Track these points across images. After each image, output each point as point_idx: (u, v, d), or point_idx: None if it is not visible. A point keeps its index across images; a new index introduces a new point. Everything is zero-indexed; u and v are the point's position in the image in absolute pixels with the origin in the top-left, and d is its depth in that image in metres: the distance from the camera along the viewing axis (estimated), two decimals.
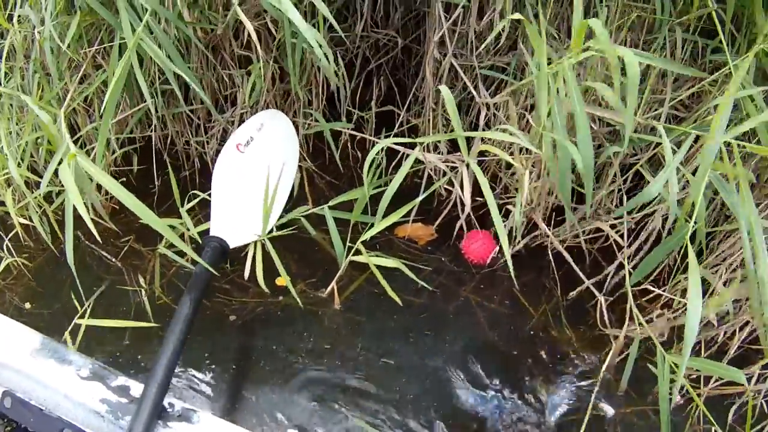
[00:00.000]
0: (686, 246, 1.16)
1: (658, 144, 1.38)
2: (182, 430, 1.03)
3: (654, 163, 1.57)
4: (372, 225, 1.48)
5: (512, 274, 1.46)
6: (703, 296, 1.16)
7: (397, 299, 1.52)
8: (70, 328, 1.16)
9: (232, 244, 1.47)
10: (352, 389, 1.45)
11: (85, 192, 1.37)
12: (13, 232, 1.61)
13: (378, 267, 1.49)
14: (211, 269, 1.34)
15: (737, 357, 1.42)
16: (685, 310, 1.11)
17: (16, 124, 1.61)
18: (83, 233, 1.69)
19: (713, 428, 1.31)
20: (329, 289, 1.59)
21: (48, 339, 1.16)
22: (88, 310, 1.28)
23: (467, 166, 1.45)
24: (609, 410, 1.44)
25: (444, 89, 1.39)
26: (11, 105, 1.61)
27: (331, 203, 1.61)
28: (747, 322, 1.40)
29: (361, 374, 1.48)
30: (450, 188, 1.68)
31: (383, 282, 1.49)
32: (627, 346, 1.41)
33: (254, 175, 1.59)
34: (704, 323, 1.42)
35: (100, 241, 1.55)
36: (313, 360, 1.50)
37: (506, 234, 1.42)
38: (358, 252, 1.50)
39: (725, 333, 1.45)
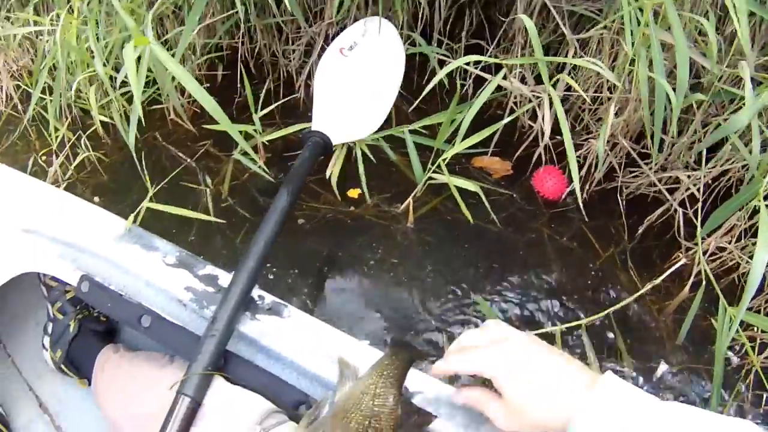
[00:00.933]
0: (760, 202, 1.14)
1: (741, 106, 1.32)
2: (271, 324, 1.00)
3: None
4: (453, 144, 1.44)
5: (583, 211, 1.47)
6: None
7: (469, 217, 1.52)
8: (135, 213, 1.14)
9: (335, 140, 1.43)
10: (416, 307, 1.46)
11: (163, 86, 1.36)
12: (93, 129, 1.64)
13: (451, 193, 1.48)
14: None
15: None
16: None
17: (107, 26, 1.59)
18: (161, 134, 1.75)
19: (765, 395, 1.31)
20: (404, 205, 1.58)
21: (134, 225, 1.13)
22: (153, 198, 1.28)
23: (549, 97, 1.41)
24: (662, 365, 1.43)
25: (524, 17, 1.37)
26: (100, 10, 1.58)
27: (413, 126, 1.60)
28: None
29: (427, 294, 1.48)
30: (532, 123, 1.66)
31: (459, 199, 1.48)
32: (690, 301, 1.39)
33: (357, 79, 1.57)
34: None
35: (178, 143, 1.66)
36: (380, 272, 1.52)
37: (582, 170, 1.49)
38: (436, 173, 1.48)
39: None
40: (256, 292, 1.04)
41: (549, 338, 1.25)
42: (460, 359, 0.75)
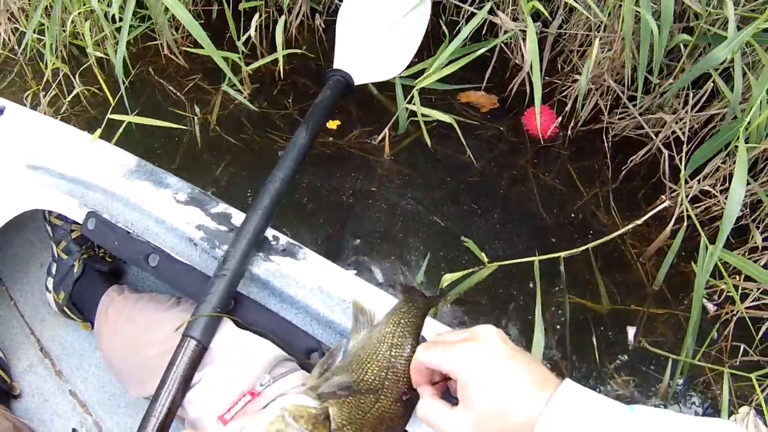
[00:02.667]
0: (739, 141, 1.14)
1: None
2: (285, 266, 0.95)
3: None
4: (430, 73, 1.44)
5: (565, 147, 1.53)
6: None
7: (428, 142, 1.54)
8: (104, 123, 1.18)
9: (357, 80, 1.38)
10: (394, 234, 1.48)
11: (157, 19, 1.38)
12: (87, 64, 1.66)
13: (433, 127, 1.51)
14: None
15: None
16: None
17: None
18: (155, 69, 1.82)
19: (742, 345, 1.29)
20: (381, 135, 1.59)
21: (144, 161, 1.08)
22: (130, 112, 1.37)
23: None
24: (633, 306, 1.43)
25: None
26: None
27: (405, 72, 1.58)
28: None
29: (405, 222, 1.51)
30: (521, 65, 1.67)
31: (423, 128, 1.50)
32: (670, 246, 1.37)
33: (383, 19, 1.52)
34: None
35: (169, 77, 1.73)
36: (359, 200, 1.55)
37: (567, 106, 1.55)
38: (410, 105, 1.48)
39: None
40: (270, 233, 0.99)
41: (528, 268, 1.24)
42: (426, 353, 0.68)
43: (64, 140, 1.14)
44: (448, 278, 1.24)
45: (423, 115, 1.50)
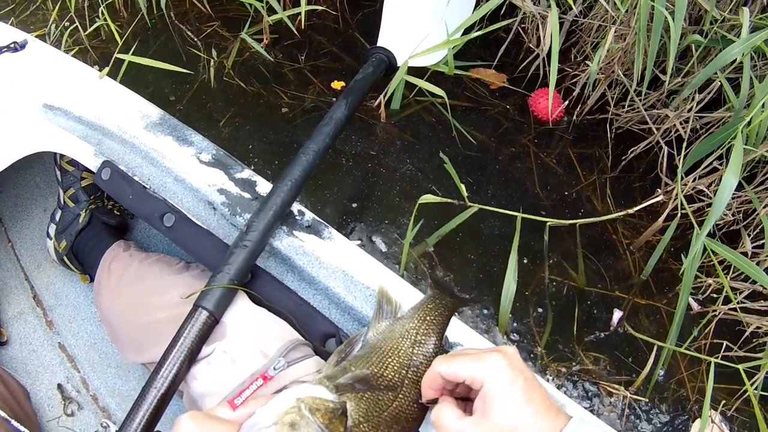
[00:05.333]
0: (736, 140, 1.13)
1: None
2: (310, 243, 0.89)
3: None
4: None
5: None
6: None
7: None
8: (111, 62, 1.14)
9: (400, 61, 1.33)
10: (391, 198, 1.49)
11: None
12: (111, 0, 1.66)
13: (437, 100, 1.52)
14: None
15: None
16: None
17: None
18: (176, 14, 1.82)
19: (725, 342, 1.28)
20: (378, 101, 1.58)
21: (169, 115, 1.02)
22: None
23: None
24: (618, 293, 1.43)
25: None
26: None
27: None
28: None
29: (402, 185, 1.52)
30: (535, 49, 1.68)
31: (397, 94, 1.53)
32: (662, 234, 1.37)
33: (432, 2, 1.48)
34: None
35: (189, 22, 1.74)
36: (357, 162, 1.55)
37: (575, 92, 1.57)
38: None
39: None
40: (296, 207, 0.93)
41: (511, 220, 1.29)
42: (446, 364, 0.64)
43: (85, 82, 1.08)
44: (425, 198, 1.27)
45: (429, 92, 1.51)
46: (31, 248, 1.32)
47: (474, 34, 1.47)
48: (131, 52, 1.26)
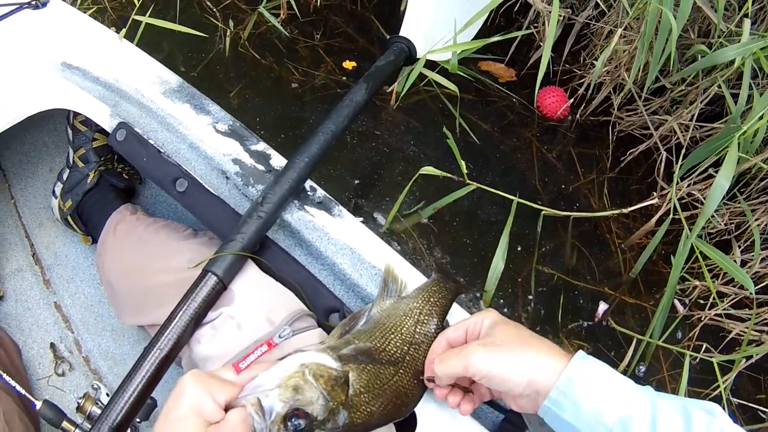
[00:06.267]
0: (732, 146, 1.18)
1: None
2: (321, 219, 0.91)
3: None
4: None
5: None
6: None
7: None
8: (126, 26, 1.13)
9: (420, 52, 1.34)
10: (393, 176, 1.53)
11: None
12: None
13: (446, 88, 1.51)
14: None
15: None
16: None
17: None
18: None
19: (704, 344, 1.33)
20: (391, 87, 1.62)
21: (187, 84, 1.03)
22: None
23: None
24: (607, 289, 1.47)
25: None
26: None
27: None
28: None
29: (405, 165, 1.56)
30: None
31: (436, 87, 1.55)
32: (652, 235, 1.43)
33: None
34: None
35: None
36: (362, 141, 1.59)
37: (580, 91, 1.61)
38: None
39: None
40: (308, 183, 0.95)
41: (508, 207, 1.33)
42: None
43: (105, 44, 1.09)
44: (425, 170, 1.33)
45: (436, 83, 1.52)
46: (34, 206, 1.32)
47: (492, 39, 1.49)
48: (148, 14, 1.26)
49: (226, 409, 0.61)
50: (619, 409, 0.57)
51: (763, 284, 1.41)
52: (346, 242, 0.89)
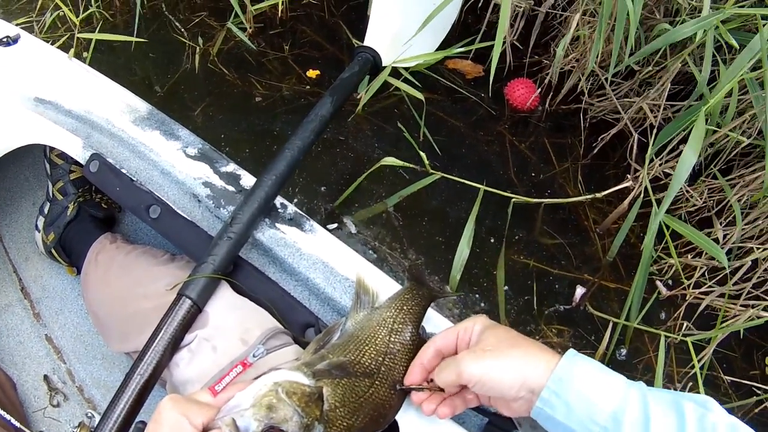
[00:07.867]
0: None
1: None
2: (292, 235, 0.92)
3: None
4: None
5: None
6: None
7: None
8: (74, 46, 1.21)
9: (385, 61, 1.35)
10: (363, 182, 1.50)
11: None
12: None
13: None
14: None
15: None
16: None
17: None
18: (166, 4, 1.89)
19: (686, 323, 1.34)
20: (360, 93, 1.61)
21: (156, 110, 1.04)
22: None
23: None
24: (586, 275, 1.47)
25: None
26: None
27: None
28: None
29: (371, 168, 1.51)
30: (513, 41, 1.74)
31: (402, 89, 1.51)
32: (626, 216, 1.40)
33: (418, 5, 1.49)
34: None
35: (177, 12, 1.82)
36: (327, 148, 1.60)
37: (546, 80, 1.64)
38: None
39: None
40: (279, 200, 0.96)
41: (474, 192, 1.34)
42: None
43: (76, 78, 1.10)
44: (386, 161, 1.36)
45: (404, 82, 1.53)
46: (19, 240, 1.33)
47: (454, 50, 1.53)
48: (97, 29, 1.30)
49: (205, 431, 0.62)
50: (610, 407, 0.58)
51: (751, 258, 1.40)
52: (319, 256, 0.90)
